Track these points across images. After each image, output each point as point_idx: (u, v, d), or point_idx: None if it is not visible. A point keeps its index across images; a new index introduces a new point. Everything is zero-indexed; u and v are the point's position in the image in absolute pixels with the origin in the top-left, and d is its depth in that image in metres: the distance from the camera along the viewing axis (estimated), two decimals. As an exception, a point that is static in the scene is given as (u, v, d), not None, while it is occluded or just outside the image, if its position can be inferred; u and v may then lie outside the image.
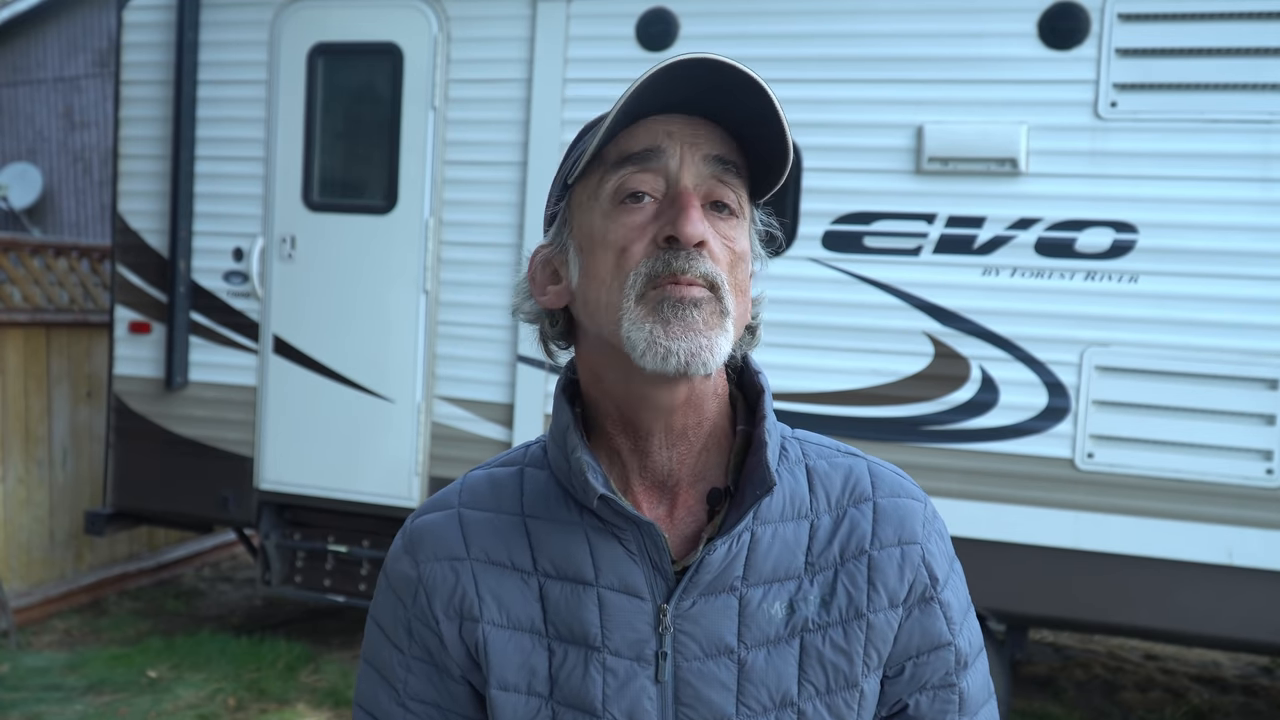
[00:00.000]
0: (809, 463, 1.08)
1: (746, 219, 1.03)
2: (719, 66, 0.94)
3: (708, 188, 1.00)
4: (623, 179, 0.99)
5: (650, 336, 0.95)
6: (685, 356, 0.95)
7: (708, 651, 1.01)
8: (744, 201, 1.02)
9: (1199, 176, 3.74)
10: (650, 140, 0.99)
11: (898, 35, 4.02)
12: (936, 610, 1.05)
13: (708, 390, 1.03)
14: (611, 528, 1.02)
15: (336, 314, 4.74)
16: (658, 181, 0.99)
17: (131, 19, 5.05)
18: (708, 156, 0.99)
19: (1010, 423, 3.93)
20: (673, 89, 0.96)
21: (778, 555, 1.03)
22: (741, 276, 1.01)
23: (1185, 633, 3.95)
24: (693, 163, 0.99)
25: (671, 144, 0.99)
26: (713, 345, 0.96)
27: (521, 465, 1.11)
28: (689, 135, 0.99)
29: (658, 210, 0.99)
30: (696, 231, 0.96)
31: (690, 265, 0.96)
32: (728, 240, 1.00)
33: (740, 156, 1.01)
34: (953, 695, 1.06)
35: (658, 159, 0.99)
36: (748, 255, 1.03)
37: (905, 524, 1.06)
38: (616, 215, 0.99)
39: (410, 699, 1.08)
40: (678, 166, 0.98)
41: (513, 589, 1.04)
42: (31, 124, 9.65)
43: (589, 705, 1.01)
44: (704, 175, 0.99)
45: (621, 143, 0.99)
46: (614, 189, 1.00)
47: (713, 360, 0.96)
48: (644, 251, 0.97)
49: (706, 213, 0.99)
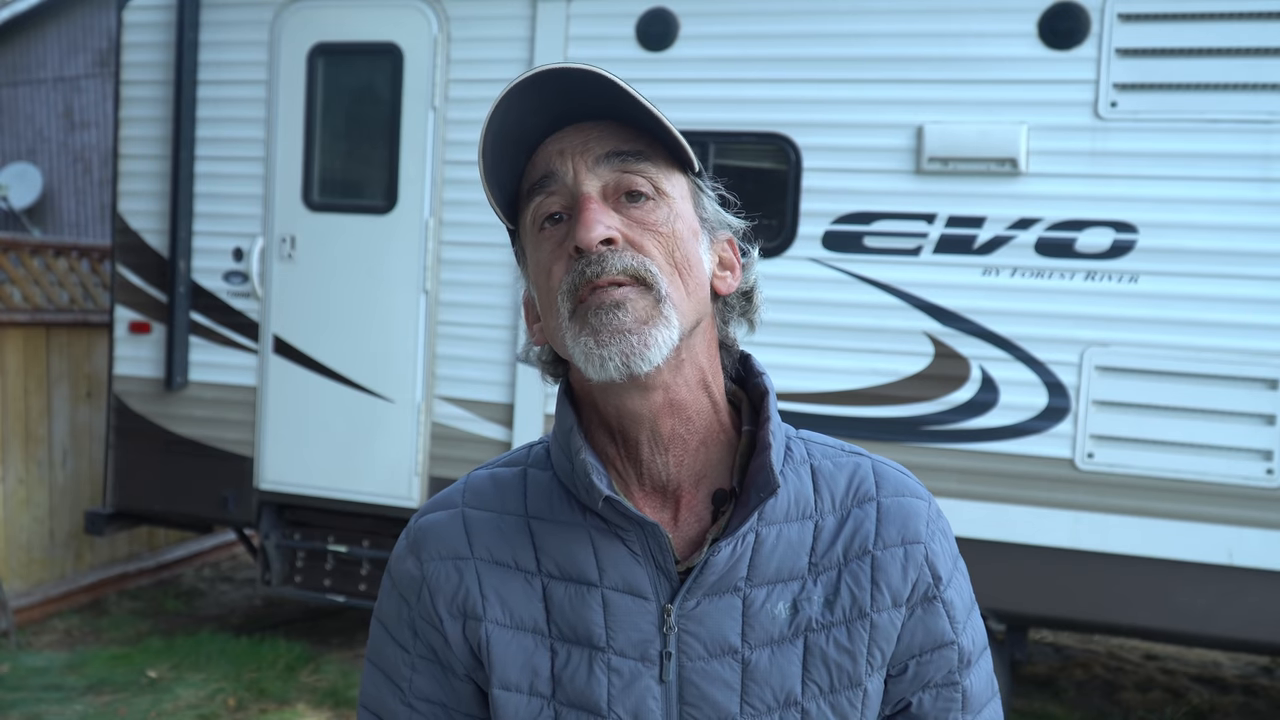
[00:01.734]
0: (814, 463, 1.08)
1: (676, 196, 1.02)
2: (553, 75, 0.96)
3: (616, 181, 1.00)
4: (536, 206, 1.02)
5: (585, 349, 0.97)
6: (620, 359, 0.95)
7: (712, 651, 1.01)
8: (665, 182, 1.01)
9: (1199, 176, 3.74)
10: (545, 165, 1.01)
11: (898, 35, 4.02)
12: (940, 609, 1.05)
13: (688, 389, 1.03)
14: (615, 529, 1.02)
15: (336, 314, 4.74)
16: (566, 199, 1.01)
17: (131, 19, 5.05)
18: (600, 156, 1.00)
19: (1010, 423, 3.93)
20: (541, 109, 0.99)
21: (782, 556, 1.03)
22: (683, 253, 1.00)
23: (1185, 633, 3.95)
24: (586, 167, 1.00)
25: (563, 162, 1.00)
26: (647, 340, 0.96)
27: (525, 466, 1.11)
28: (579, 145, 1.00)
29: (570, 225, 1.00)
30: (595, 235, 0.96)
31: (603, 266, 0.97)
32: (649, 225, 1.00)
33: (642, 140, 1.01)
34: (956, 694, 1.07)
35: (555, 181, 1.00)
36: (683, 232, 1.01)
37: (909, 523, 1.06)
38: (540, 242, 1.02)
39: (415, 698, 1.08)
40: (572, 178, 1.00)
41: (516, 589, 1.04)
42: (31, 124, 9.65)
43: (594, 705, 1.01)
44: (607, 174, 1.00)
45: (528, 174, 1.02)
46: (533, 218, 1.02)
47: (651, 354, 0.96)
48: (564, 269, 0.99)
49: (622, 205, 1.00)
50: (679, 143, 1.00)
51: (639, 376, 0.97)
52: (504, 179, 1.03)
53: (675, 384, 1.01)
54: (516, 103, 0.97)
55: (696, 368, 1.03)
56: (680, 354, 1.00)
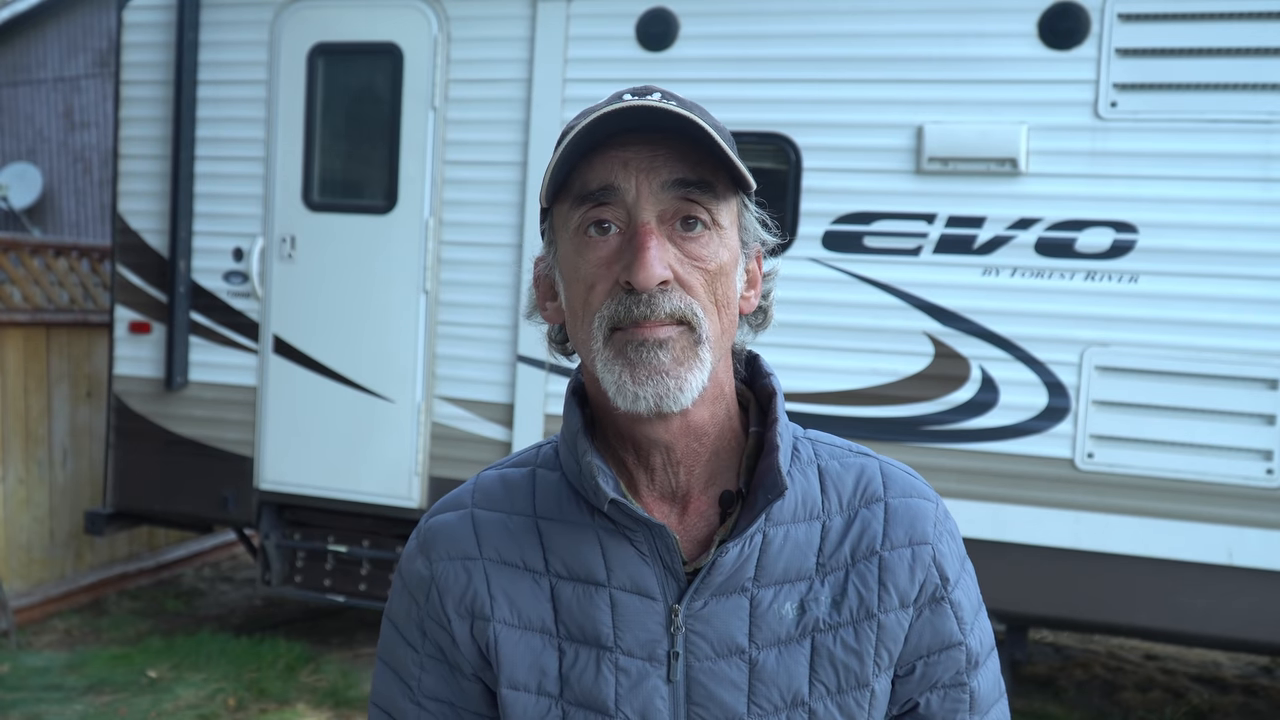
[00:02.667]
0: (821, 463, 1.08)
1: (725, 226, 1.01)
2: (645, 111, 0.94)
3: (675, 208, 0.98)
4: (586, 210, 0.99)
5: (619, 381, 0.97)
6: (654, 400, 0.96)
7: (719, 651, 1.01)
8: (719, 211, 1.00)
9: (1199, 176, 3.74)
10: (606, 176, 0.98)
11: (898, 35, 4.02)
12: (947, 610, 1.05)
13: (706, 409, 1.03)
14: (623, 529, 1.02)
15: (336, 314, 4.74)
16: (619, 211, 0.98)
17: (131, 19, 5.05)
18: (667, 182, 0.98)
19: (1010, 423, 3.93)
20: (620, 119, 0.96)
21: (789, 556, 1.03)
22: (724, 290, 1.00)
23: (1185, 633, 3.95)
24: (650, 192, 0.97)
25: (626, 176, 0.97)
26: (682, 384, 0.96)
27: (533, 466, 1.11)
28: (646, 161, 0.98)
29: (620, 245, 0.98)
30: (653, 276, 0.95)
31: (652, 309, 0.96)
32: (699, 261, 0.98)
33: (706, 166, 0.99)
34: (964, 694, 1.07)
35: (614, 194, 0.98)
36: (728, 265, 1.01)
37: (916, 524, 1.06)
38: (583, 249, 1.00)
39: (424, 697, 1.09)
40: (634, 199, 0.97)
41: (524, 589, 1.05)
42: (31, 124, 9.65)
43: (601, 705, 1.01)
44: (666, 200, 0.98)
45: (583, 173, 0.99)
46: (578, 223, 1.00)
47: (684, 397, 0.97)
48: (606, 292, 0.98)
49: (675, 233, 0.98)
50: (743, 173, 0.99)
51: (668, 414, 0.98)
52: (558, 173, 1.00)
53: (695, 410, 1.01)
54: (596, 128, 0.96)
55: (715, 383, 1.03)
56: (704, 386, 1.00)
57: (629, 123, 0.96)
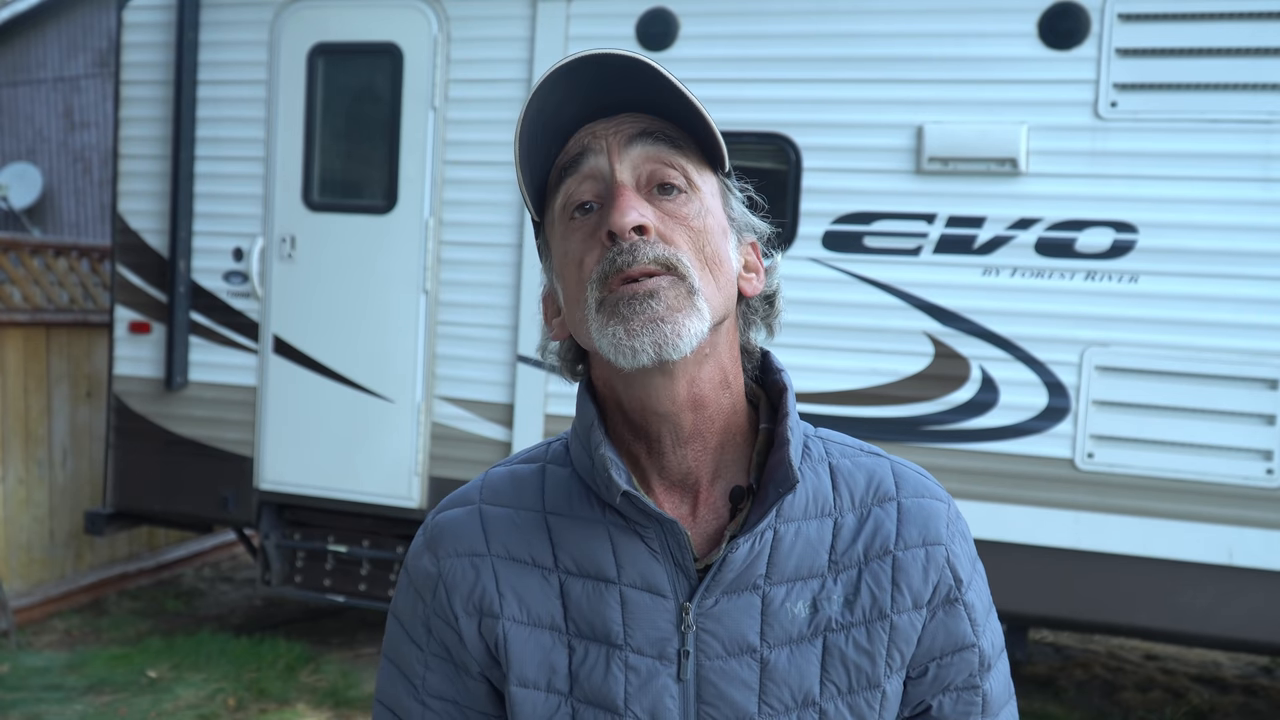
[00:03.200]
0: (832, 461, 1.08)
1: (706, 192, 1.02)
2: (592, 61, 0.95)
3: (650, 171, 1.00)
4: (567, 194, 1.01)
5: (614, 339, 0.96)
6: (653, 349, 0.95)
7: (730, 650, 1.01)
8: (696, 176, 1.01)
9: (1199, 176, 3.74)
10: (578, 145, 1.00)
11: (898, 35, 4.02)
12: (961, 612, 1.05)
13: (711, 386, 1.02)
14: (634, 525, 1.02)
15: (336, 314, 4.74)
16: (598, 186, 1.00)
17: (131, 19, 5.05)
18: (633, 135, 0.99)
19: (1010, 423, 3.93)
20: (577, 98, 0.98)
21: (801, 553, 1.02)
22: (712, 249, 1.00)
23: (1185, 633, 3.95)
24: (621, 149, 0.99)
25: (596, 140, 1.00)
26: (679, 329, 0.95)
27: (543, 462, 1.10)
28: (613, 126, 1.00)
29: (601, 214, 0.99)
30: (629, 219, 0.96)
31: (635, 255, 0.96)
32: (680, 219, 0.99)
33: (676, 130, 1.01)
34: (976, 697, 1.06)
35: (587, 159, 1.00)
36: (714, 228, 1.01)
37: (930, 525, 1.05)
38: (570, 232, 1.01)
39: (429, 695, 1.08)
40: (607, 161, 0.99)
41: (533, 586, 1.04)
42: (31, 124, 9.65)
43: (610, 703, 1.01)
44: (640, 160, 0.99)
45: (559, 159, 1.02)
46: (563, 206, 1.01)
47: (683, 343, 0.95)
48: (596, 259, 0.98)
49: (654, 198, 0.99)
50: (713, 138, 1.00)
51: (669, 362, 0.96)
52: (536, 168, 1.02)
53: (699, 378, 1.00)
54: (555, 90, 0.96)
55: (719, 366, 1.03)
56: (705, 348, 0.99)
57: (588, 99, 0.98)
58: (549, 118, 0.99)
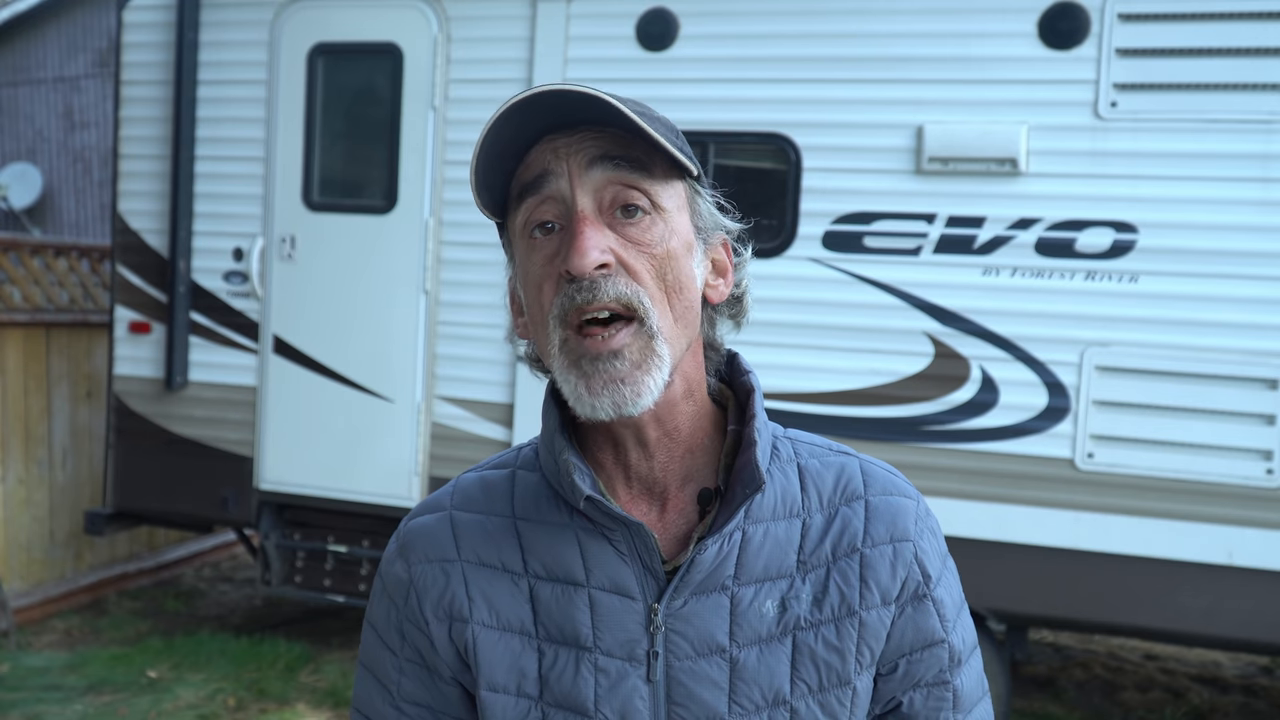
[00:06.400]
0: (801, 461, 1.08)
1: (671, 209, 1.00)
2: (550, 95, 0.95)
3: (612, 195, 0.98)
4: (528, 212, 1.00)
5: (575, 390, 0.97)
6: (612, 408, 0.96)
7: (699, 650, 1.01)
8: (661, 194, 0.99)
9: (1199, 176, 3.74)
10: (540, 165, 0.99)
11: (898, 35, 4.02)
12: (929, 607, 1.05)
13: (674, 400, 1.02)
14: (601, 529, 1.02)
15: (336, 314, 4.74)
16: (559, 208, 0.99)
17: (131, 19, 5.05)
18: (595, 158, 0.98)
19: (1010, 423, 3.93)
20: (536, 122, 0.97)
21: (769, 554, 1.03)
22: (674, 275, 0.99)
23: (1185, 633, 3.95)
24: (581, 173, 0.97)
25: (557, 162, 0.98)
26: (640, 388, 0.96)
27: (513, 468, 1.11)
28: (574, 144, 0.98)
29: (561, 240, 0.98)
30: (588, 262, 0.94)
31: (595, 293, 0.95)
32: (642, 246, 0.98)
33: (639, 148, 0.98)
34: (946, 693, 1.06)
35: (549, 182, 0.98)
36: (677, 251, 1.00)
37: (897, 521, 1.06)
38: (530, 252, 1.01)
39: (404, 701, 1.08)
40: (568, 185, 0.98)
41: (503, 590, 1.04)
42: (31, 124, 9.65)
43: (580, 706, 1.01)
44: (602, 183, 0.98)
45: (521, 174, 1.00)
46: (524, 224, 1.01)
47: (642, 400, 0.96)
48: (554, 289, 0.98)
49: (616, 221, 0.98)
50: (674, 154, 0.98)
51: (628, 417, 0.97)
52: (495, 182, 1.01)
53: (661, 402, 1.00)
54: (512, 120, 0.96)
55: (683, 380, 1.03)
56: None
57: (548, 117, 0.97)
58: (506, 144, 0.98)
